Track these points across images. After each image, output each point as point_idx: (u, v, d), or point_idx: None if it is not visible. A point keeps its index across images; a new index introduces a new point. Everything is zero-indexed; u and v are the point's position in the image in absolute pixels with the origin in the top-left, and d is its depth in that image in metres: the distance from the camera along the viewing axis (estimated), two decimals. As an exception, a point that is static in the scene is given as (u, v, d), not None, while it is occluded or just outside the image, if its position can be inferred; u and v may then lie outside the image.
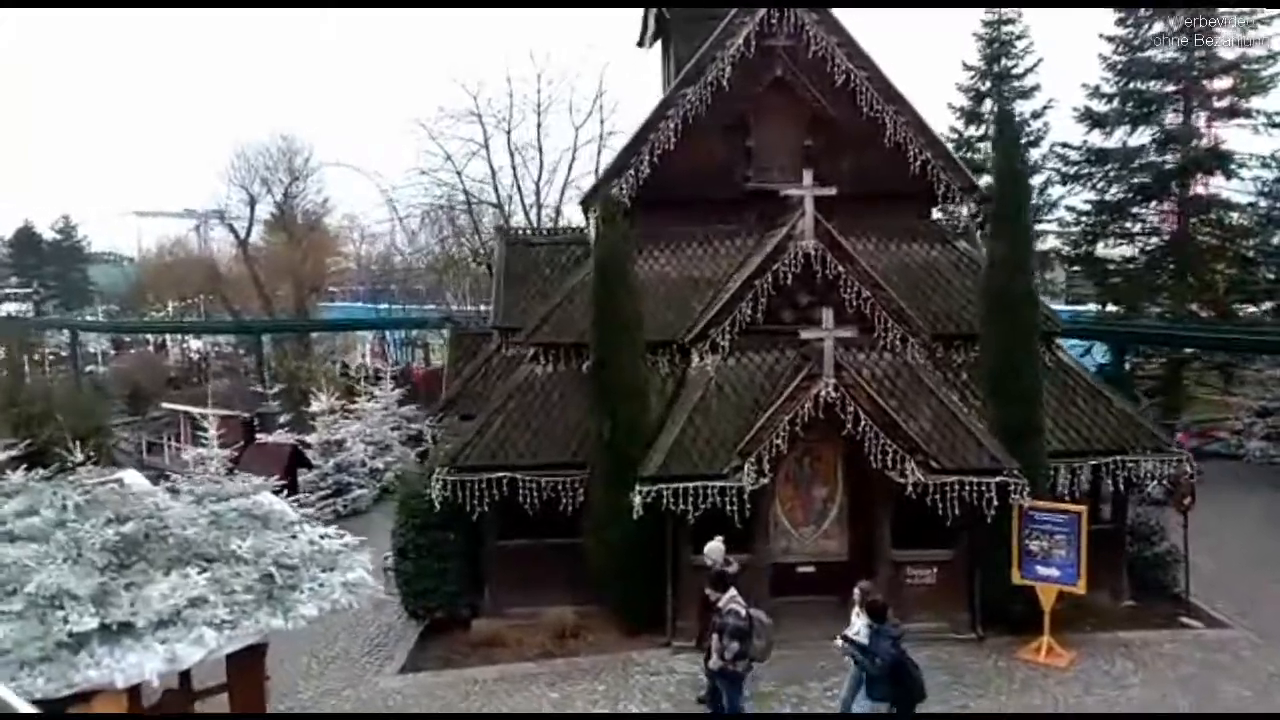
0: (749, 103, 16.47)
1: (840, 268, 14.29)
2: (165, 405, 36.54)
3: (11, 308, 71.92)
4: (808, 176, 14.30)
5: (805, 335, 13.43)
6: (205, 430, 19.41)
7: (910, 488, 13.23)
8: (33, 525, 9.44)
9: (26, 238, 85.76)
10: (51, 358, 53.59)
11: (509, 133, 35.11)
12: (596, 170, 36.78)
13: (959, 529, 13.72)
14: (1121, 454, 14.56)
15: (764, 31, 16.23)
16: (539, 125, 35.85)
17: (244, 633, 8.11)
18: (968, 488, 13.29)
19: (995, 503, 13.28)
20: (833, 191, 14.28)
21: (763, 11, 16.10)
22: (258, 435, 23.00)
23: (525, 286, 20.59)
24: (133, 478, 12.32)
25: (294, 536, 9.84)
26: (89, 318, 74.31)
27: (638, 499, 13.11)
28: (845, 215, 14.91)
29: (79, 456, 18.10)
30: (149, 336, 63.31)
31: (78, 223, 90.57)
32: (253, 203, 44.43)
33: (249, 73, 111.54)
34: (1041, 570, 13.54)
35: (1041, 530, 13.59)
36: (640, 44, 22.06)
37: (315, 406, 25.39)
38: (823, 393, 13.16)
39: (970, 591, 14.05)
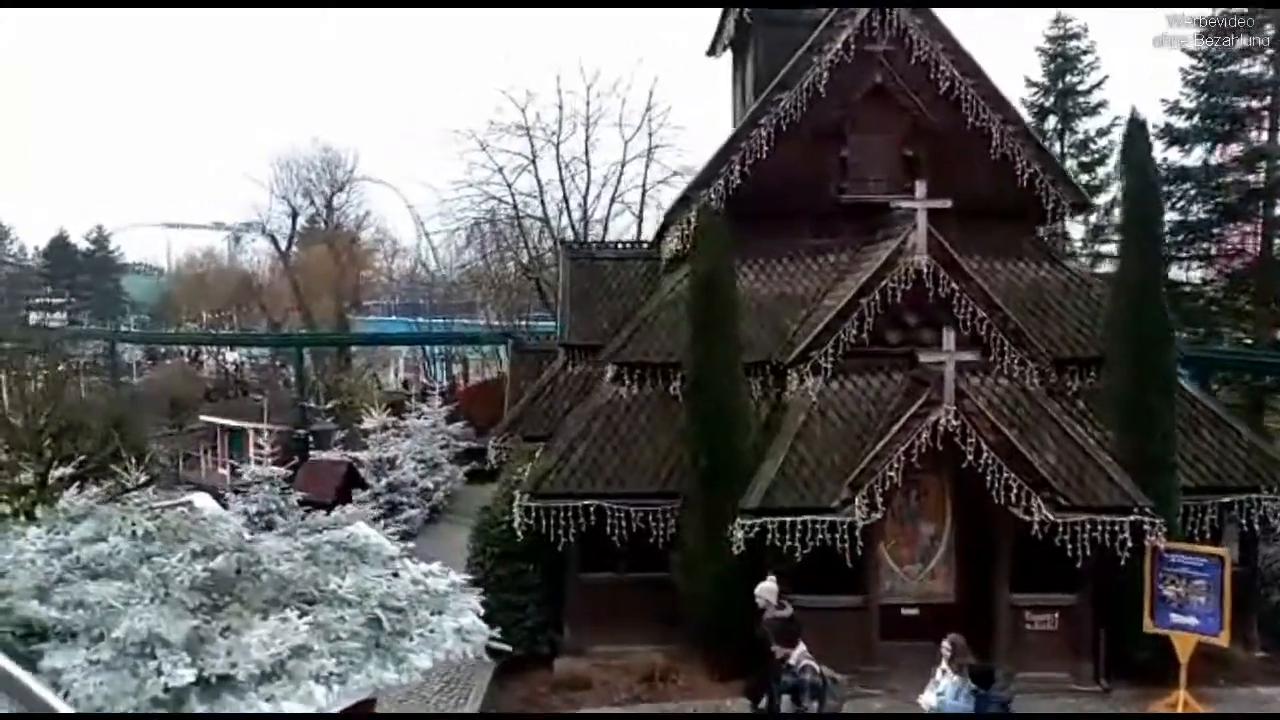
0: (845, 110, 15.56)
1: (954, 285, 13.31)
2: (203, 418, 35.88)
3: (46, 317, 71.92)
4: (920, 188, 13.33)
5: (924, 358, 12.43)
6: (258, 446, 18.65)
7: (1036, 526, 12.17)
8: (102, 553, 8.65)
9: (61, 248, 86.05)
10: (88, 367, 53.35)
11: (558, 145, 34.43)
12: (644, 185, 36.14)
13: (1083, 571, 12.61)
14: (1254, 491, 13.45)
15: (864, 35, 15.33)
16: (587, 138, 35.19)
17: (354, 688, 7.19)
18: (1098, 527, 12.21)
19: (1129, 544, 12.19)
20: (947, 204, 13.31)
21: (863, 14, 15.21)
22: (311, 452, 22.20)
23: (592, 303, 19.77)
24: (202, 501, 11.52)
25: (395, 574, 8.94)
26: (123, 328, 74.24)
27: (739, 533, 12.13)
28: (947, 231, 13.90)
29: (133, 473, 17.39)
30: (181, 348, 62.95)
31: (110, 233, 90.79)
32: (294, 214, 44.14)
33: (282, 83, 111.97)
34: (1177, 618, 12.41)
35: (1177, 574, 12.47)
36: (711, 52, 21.22)
37: (368, 423, 24.57)
38: (942, 421, 12.14)
39: (1095, 639, 12.93)
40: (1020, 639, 12.80)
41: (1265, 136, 26.70)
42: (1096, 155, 32.34)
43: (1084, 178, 30.19)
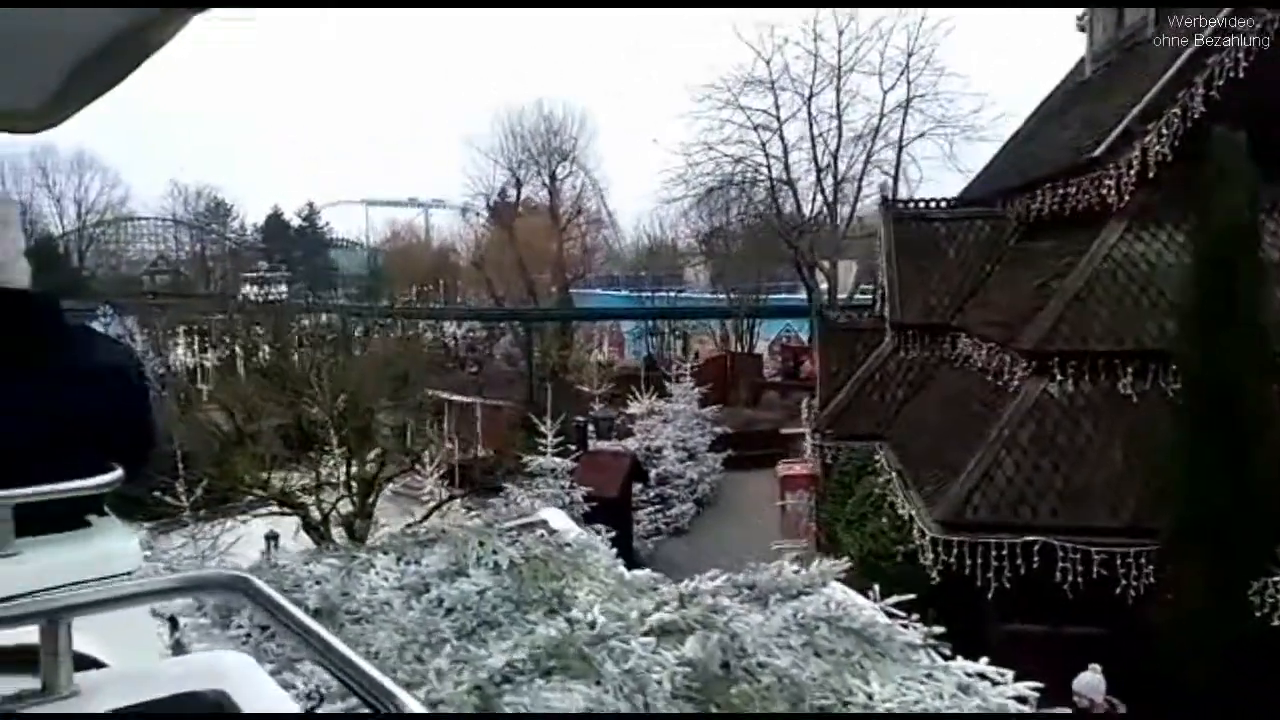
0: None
1: None
2: (435, 393, 35.13)
3: (268, 290, 75.59)
4: None
5: None
6: (541, 435, 16.76)
7: None
8: (466, 595, 6.25)
9: (276, 224, 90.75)
10: (307, 341, 54.90)
11: (810, 97, 30.92)
12: (901, 138, 32.10)
13: None
14: None
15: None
16: (838, 90, 31.47)
17: None
18: None
19: None
20: None
21: None
22: (590, 442, 20.31)
23: (925, 273, 16.44)
24: (559, 521, 9.12)
25: (929, 676, 6.10)
26: (341, 301, 77.02)
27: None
28: None
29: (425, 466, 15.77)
30: (387, 321, 63.98)
31: (320, 209, 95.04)
32: (518, 184, 42.90)
33: (490, 44, 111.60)
34: None
35: None
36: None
37: (634, 408, 22.33)
38: None
39: None
40: None
41: None
42: None
43: None
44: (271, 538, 15.84)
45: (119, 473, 1.85)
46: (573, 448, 18.43)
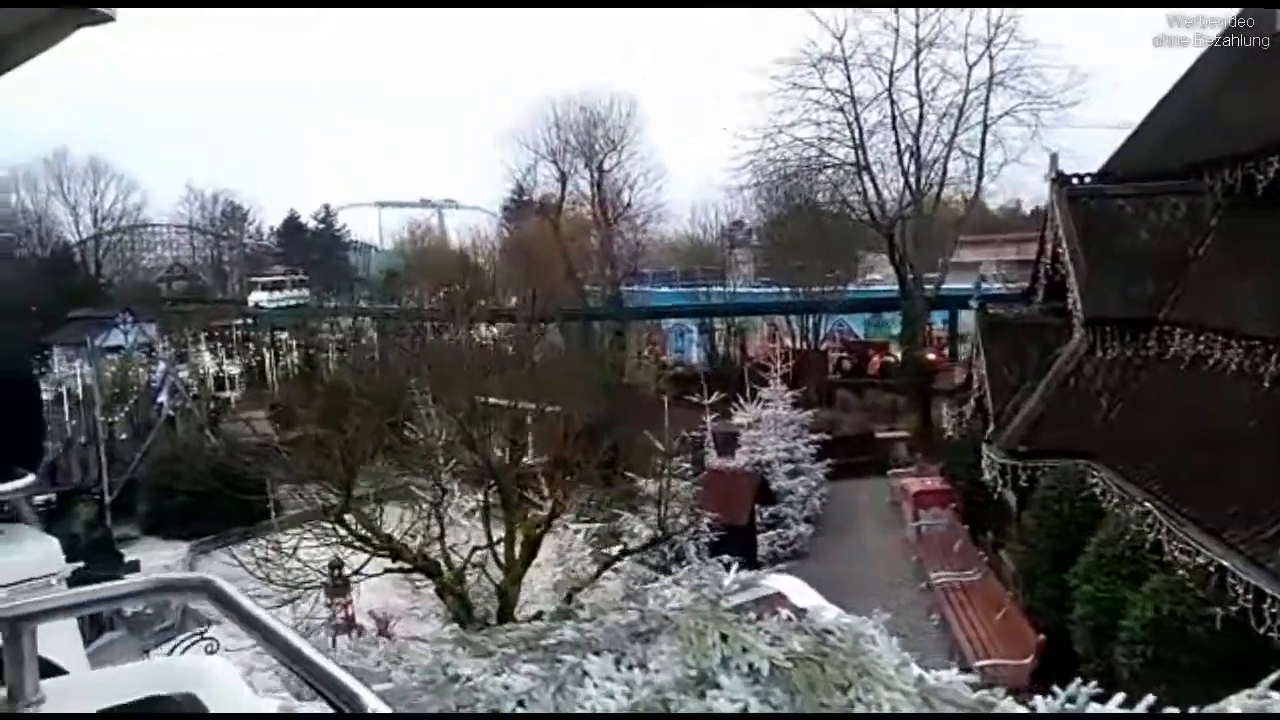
0: None
1: None
2: (492, 400, 32.89)
3: (284, 295, 73.57)
4: None
5: None
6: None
7: None
8: None
9: (294, 227, 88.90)
10: (335, 347, 52.69)
11: (891, 75, 28.61)
12: (985, 120, 29.72)
13: None
14: None
15: None
16: (917, 67, 29.17)
17: None
18: None
19: None
20: None
21: None
22: (707, 459, 18.08)
23: (1114, 260, 14.20)
24: (797, 592, 6.87)
25: None
26: (361, 303, 74.92)
27: None
28: None
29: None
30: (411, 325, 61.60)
31: (336, 211, 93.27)
32: (564, 178, 40.44)
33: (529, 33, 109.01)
34: None
35: None
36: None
37: (739, 418, 20.11)
38: None
39: None
40: None
41: None
42: None
43: None
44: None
45: (30, 479, 1.97)
46: (686, 465, 16.27)
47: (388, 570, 12.56)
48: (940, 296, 31.32)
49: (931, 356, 31.51)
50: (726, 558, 5.40)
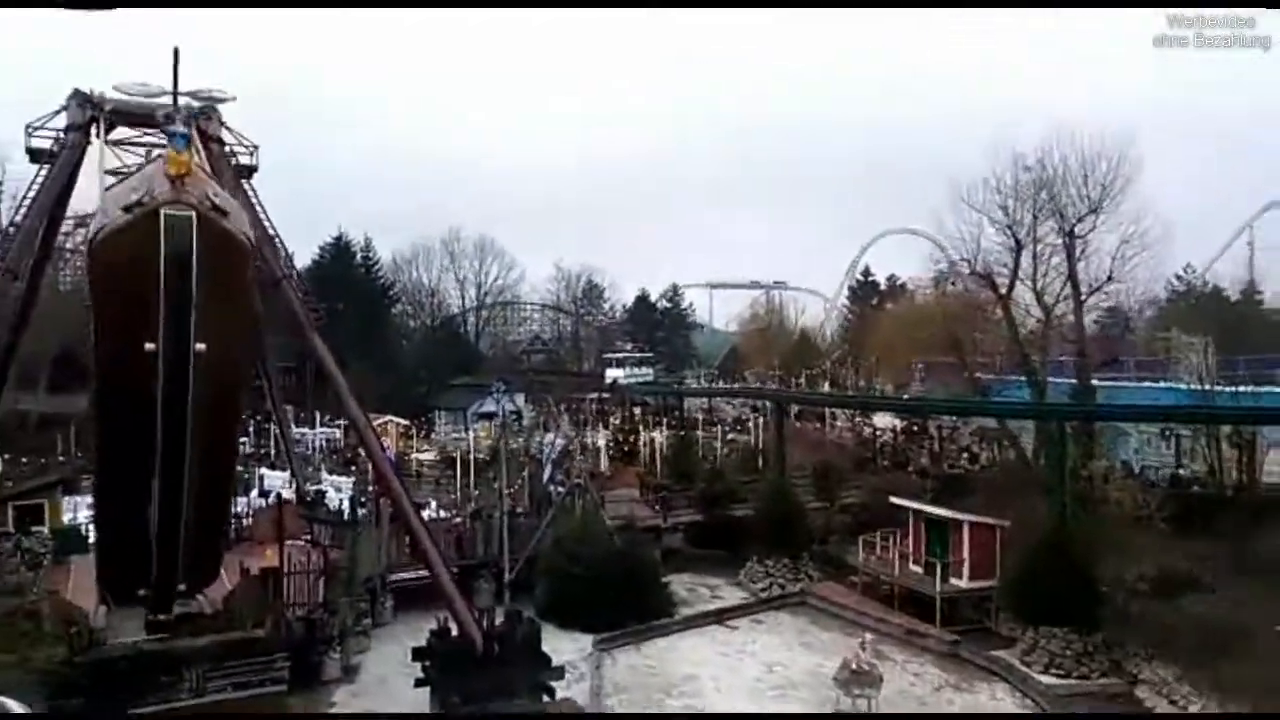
0: None
1: None
2: (896, 501, 28.51)
3: (639, 371, 74.80)
4: None
5: None
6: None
7: None
8: None
9: (644, 305, 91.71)
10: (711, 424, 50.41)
11: None
12: None
13: None
14: None
15: None
16: None
17: None
18: None
19: None
20: None
21: None
22: None
23: None
24: None
25: None
26: (689, 381, 74.03)
27: None
28: None
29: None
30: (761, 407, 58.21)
31: (683, 290, 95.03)
32: (1018, 247, 31.96)
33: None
34: None
35: None
36: None
37: None
38: None
39: None
40: None
41: None
42: None
43: None
44: None
45: None
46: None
47: None
48: None
49: None
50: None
